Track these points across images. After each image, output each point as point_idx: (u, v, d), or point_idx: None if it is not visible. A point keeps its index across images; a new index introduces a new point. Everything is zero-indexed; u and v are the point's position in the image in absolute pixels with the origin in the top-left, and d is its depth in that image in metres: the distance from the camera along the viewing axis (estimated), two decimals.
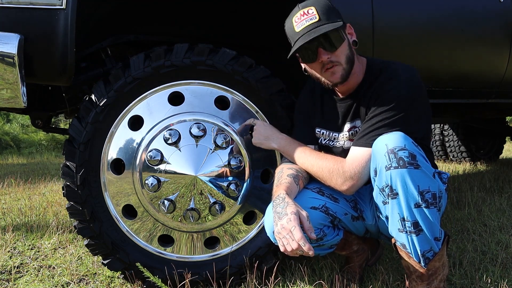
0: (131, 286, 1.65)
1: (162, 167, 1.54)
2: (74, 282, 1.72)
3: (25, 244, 2.17)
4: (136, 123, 1.59)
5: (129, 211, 1.62)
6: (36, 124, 1.97)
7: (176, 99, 1.60)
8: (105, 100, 1.54)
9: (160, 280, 1.54)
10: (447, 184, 1.41)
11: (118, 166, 1.60)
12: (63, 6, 1.36)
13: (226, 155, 1.57)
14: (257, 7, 1.79)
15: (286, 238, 1.23)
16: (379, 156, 1.28)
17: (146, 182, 1.54)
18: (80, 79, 1.74)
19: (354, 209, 1.54)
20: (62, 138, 7.74)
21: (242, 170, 1.60)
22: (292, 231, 1.22)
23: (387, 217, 1.34)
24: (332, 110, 1.55)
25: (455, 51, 2.07)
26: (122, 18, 1.87)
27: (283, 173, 1.48)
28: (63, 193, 1.58)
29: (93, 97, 1.55)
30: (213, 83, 1.60)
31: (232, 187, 1.58)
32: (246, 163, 1.61)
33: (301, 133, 1.58)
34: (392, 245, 1.40)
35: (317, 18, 1.35)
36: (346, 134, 1.51)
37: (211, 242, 1.67)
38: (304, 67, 1.50)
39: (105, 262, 1.61)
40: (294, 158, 1.51)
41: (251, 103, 1.63)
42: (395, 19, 1.90)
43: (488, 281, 1.56)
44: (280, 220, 1.26)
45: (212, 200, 1.58)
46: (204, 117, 1.58)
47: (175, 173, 1.54)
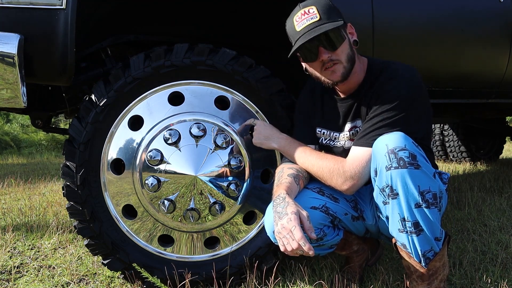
0: (131, 286, 1.65)
1: (162, 167, 1.54)
2: (74, 282, 1.72)
3: (25, 244, 2.17)
4: (136, 123, 1.59)
5: (129, 211, 1.62)
6: (36, 124, 1.97)
7: (176, 99, 1.60)
8: (105, 100, 1.54)
9: (159, 280, 1.54)
10: (447, 184, 1.41)
11: (118, 166, 1.60)
12: (63, 6, 1.36)
13: (226, 155, 1.57)
14: (257, 7, 1.79)
15: (286, 238, 1.23)
16: (379, 156, 1.28)
17: (146, 182, 1.54)
18: (80, 79, 1.74)
19: (354, 209, 1.54)
20: (62, 138, 7.74)
21: (242, 170, 1.60)
22: (292, 231, 1.22)
23: (388, 217, 1.34)
24: (332, 110, 1.55)
25: (455, 51, 2.07)
26: (122, 18, 1.87)
27: (284, 173, 1.48)
28: (63, 193, 1.58)
29: (93, 97, 1.55)
30: (213, 83, 1.60)
31: (232, 187, 1.58)
32: (246, 163, 1.61)
33: (301, 133, 1.58)
34: (393, 245, 1.40)
35: (318, 17, 1.35)
36: (346, 134, 1.51)
37: (211, 242, 1.67)
38: (305, 67, 1.50)
39: (105, 262, 1.61)
40: (295, 158, 1.51)
41: (251, 103, 1.63)
42: (395, 19, 1.90)
43: (488, 281, 1.56)
44: (281, 220, 1.26)
45: (212, 200, 1.58)
46: (204, 117, 1.58)
47: (175, 173, 1.54)
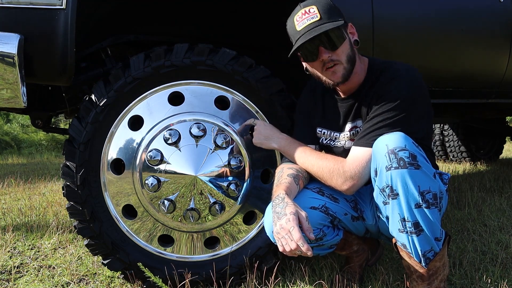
0: (131, 286, 1.65)
1: (162, 167, 1.54)
2: (74, 282, 1.72)
3: (25, 244, 2.17)
4: (136, 123, 1.59)
5: (129, 211, 1.62)
6: (36, 124, 1.97)
7: (176, 99, 1.60)
8: (105, 100, 1.54)
9: (160, 280, 1.54)
10: (447, 185, 1.41)
11: (118, 166, 1.60)
12: (63, 6, 1.36)
13: (226, 155, 1.57)
14: (257, 7, 1.79)
15: (285, 238, 1.23)
16: (379, 156, 1.28)
17: (146, 182, 1.54)
18: (80, 79, 1.74)
19: (354, 209, 1.54)
20: (62, 138, 7.74)
21: (242, 170, 1.60)
22: (290, 232, 1.22)
23: (388, 218, 1.34)
24: (333, 110, 1.54)
25: (455, 51, 2.07)
26: (122, 18, 1.87)
27: (283, 173, 1.48)
28: (63, 193, 1.58)
29: (93, 97, 1.55)
30: (213, 83, 1.60)
31: (232, 187, 1.58)
32: (246, 163, 1.61)
33: (301, 133, 1.58)
34: (393, 245, 1.40)
35: (318, 17, 1.35)
36: (347, 134, 1.51)
37: (211, 242, 1.67)
38: (305, 66, 1.50)
39: (105, 262, 1.61)
40: (295, 158, 1.51)
41: (251, 103, 1.63)
42: (395, 19, 1.90)
43: (488, 281, 1.56)
44: (279, 220, 1.26)
45: (212, 200, 1.58)
46: (204, 117, 1.58)
47: (175, 173, 1.54)
